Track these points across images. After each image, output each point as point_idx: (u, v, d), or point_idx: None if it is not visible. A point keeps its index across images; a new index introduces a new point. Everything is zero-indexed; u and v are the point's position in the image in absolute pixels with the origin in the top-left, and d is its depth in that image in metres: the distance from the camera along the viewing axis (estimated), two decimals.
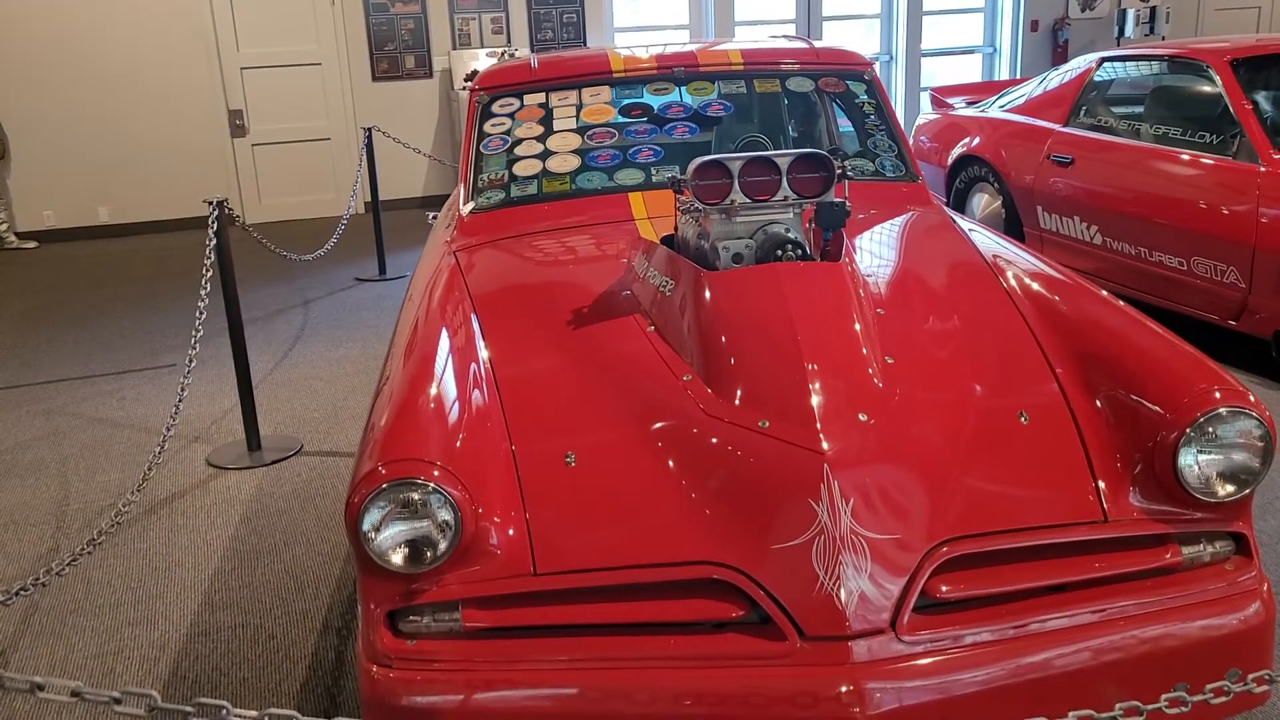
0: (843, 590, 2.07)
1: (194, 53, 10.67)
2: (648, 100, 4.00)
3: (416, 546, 2.15)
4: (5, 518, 4.30)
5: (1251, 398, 2.30)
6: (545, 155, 3.88)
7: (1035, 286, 2.91)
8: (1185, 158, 5.39)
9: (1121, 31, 12.96)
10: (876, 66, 4.17)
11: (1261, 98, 5.41)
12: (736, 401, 2.34)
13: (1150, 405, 2.35)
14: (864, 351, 2.42)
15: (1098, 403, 2.45)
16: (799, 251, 2.67)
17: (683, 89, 4.01)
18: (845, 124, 4.30)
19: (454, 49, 11.30)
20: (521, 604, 2.21)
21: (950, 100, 8.00)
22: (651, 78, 4.03)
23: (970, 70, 13.57)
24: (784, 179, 2.70)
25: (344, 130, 11.25)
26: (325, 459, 4.72)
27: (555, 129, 3.95)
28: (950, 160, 7.26)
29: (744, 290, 2.55)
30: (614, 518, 2.27)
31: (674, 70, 4.02)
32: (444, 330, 2.86)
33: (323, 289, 7.97)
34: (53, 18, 10.23)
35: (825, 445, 2.17)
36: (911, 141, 8.05)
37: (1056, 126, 6.34)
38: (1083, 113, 6.25)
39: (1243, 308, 5.02)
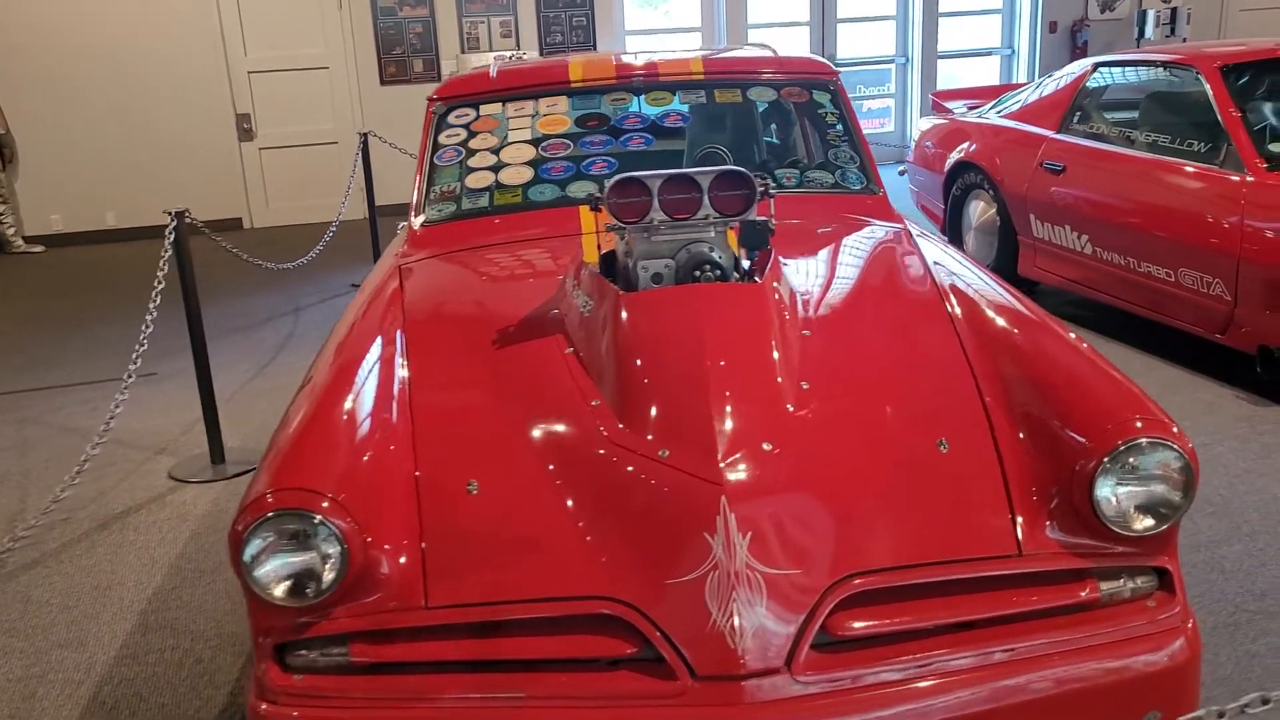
0: (735, 628, 1.98)
1: (202, 56, 10.70)
2: (604, 111, 3.92)
3: (299, 580, 2.09)
4: None
5: (1174, 429, 2.20)
6: (498, 167, 3.81)
7: (979, 309, 2.79)
8: (1173, 166, 5.25)
9: (1142, 33, 12.76)
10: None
11: (1256, 105, 5.28)
12: (642, 429, 2.26)
13: (1072, 434, 2.25)
14: (778, 378, 2.34)
15: (1021, 433, 2.35)
16: (717, 272, 2.59)
17: (641, 99, 3.93)
18: None
19: (462, 52, 11.25)
20: (412, 639, 2.14)
21: (950, 105, 7.85)
22: (609, 88, 3.95)
23: (989, 72, 13.41)
24: (705, 197, 2.61)
25: (352, 134, 11.15)
26: None
27: (510, 140, 3.88)
28: (947, 166, 7.13)
29: (658, 312, 2.48)
30: (511, 549, 2.19)
31: (632, 80, 3.94)
32: (369, 347, 2.79)
33: (316, 295, 7.94)
34: (61, 22, 10.27)
35: (724, 476, 2.09)
36: (913, 146, 7.94)
37: (1050, 133, 6.20)
38: (1076, 119, 6.12)
39: (1229, 321, 4.87)
